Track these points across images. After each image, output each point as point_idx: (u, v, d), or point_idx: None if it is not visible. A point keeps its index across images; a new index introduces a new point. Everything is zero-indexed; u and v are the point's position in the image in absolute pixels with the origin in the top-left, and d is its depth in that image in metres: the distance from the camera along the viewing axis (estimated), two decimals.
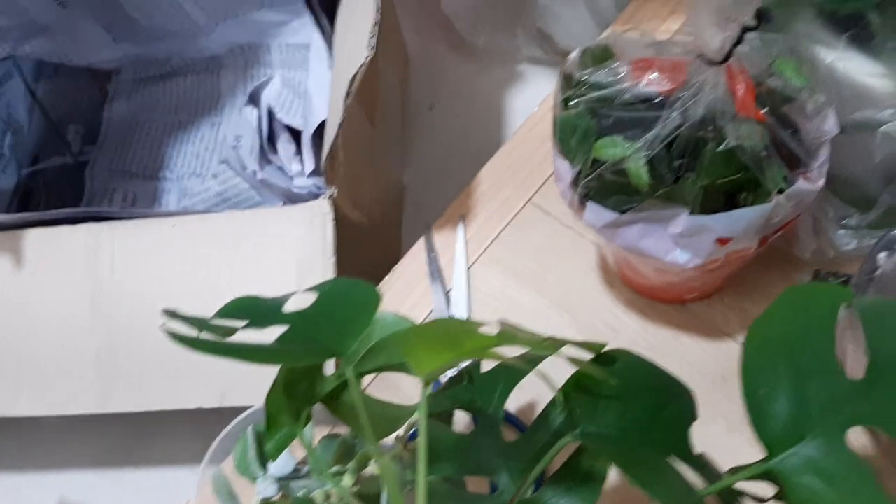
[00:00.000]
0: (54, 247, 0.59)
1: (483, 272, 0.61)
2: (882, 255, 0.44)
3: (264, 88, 0.68)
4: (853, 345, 0.30)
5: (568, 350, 0.30)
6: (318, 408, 0.38)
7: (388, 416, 0.40)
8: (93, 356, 0.56)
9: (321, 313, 0.32)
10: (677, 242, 0.45)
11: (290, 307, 0.33)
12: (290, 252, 0.55)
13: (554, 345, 0.29)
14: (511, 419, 0.54)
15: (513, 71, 0.80)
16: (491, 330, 0.29)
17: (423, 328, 0.29)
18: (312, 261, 0.55)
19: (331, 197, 0.55)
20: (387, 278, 0.62)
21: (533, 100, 0.79)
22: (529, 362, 0.31)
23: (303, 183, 0.63)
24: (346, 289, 0.33)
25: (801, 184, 0.42)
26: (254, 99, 0.67)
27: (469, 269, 0.61)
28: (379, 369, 0.39)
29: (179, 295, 0.56)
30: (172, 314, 0.31)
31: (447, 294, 0.60)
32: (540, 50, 0.77)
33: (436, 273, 0.61)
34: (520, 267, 0.60)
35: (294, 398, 0.37)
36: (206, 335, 0.30)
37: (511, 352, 0.30)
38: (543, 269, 0.60)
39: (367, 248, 0.65)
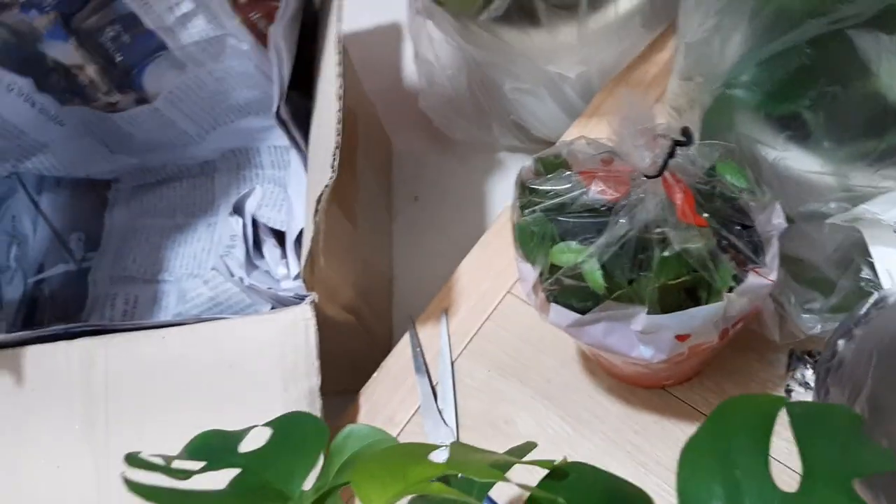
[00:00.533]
0: (52, 363, 0.61)
1: (468, 365, 0.62)
2: (841, 342, 0.45)
3: (247, 199, 0.71)
4: None
5: (520, 468, 0.32)
6: None
7: None
8: (91, 474, 0.58)
9: (273, 452, 0.34)
10: (640, 339, 0.46)
11: (247, 444, 0.34)
12: (275, 358, 0.57)
13: (502, 471, 0.30)
14: None
15: (492, 160, 0.83)
16: (441, 456, 0.31)
17: (371, 457, 0.31)
18: (296, 366, 0.57)
19: (312, 303, 0.57)
20: (375, 375, 0.64)
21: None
22: (479, 491, 0.32)
23: (289, 286, 0.66)
24: (297, 424, 0.35)
25: (751, 279, 0.43)
26: (238, 209, 0.70)
27: (454, 362, 0.62)
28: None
29: (170, 407, 0.58)
30: (135, 460, 0.33)
31: (434, 388, 0.61)
32: (516, 140, 0.79)
33: (421, 367, 0.62)
34: (503, 358, 0.62)
35: None
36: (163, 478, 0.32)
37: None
38: (526, 359, 0.61)
39: (356, 344, 0.67)
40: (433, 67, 0.75)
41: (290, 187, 0.66)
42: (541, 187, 0.47)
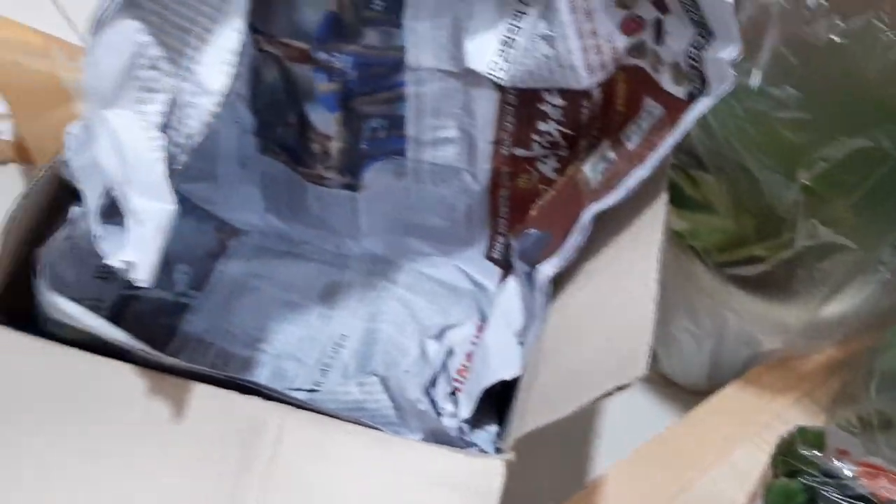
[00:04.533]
0: (216, 410, 0.58)
1: None
2: None
3: (452, 329, 0.71)
4: None
5: None
6: None
7: None
8: None
9: None
10: None
11: None
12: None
13: None
14: None
15: None
16: None
17: None
18: None
19: (507, 461, 0.57)
20: None
21: None
22: None
23: (451, 424, 0.65)
24: None
25: None
26: (440, 336, 0.70)
27: None
28: None
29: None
30: None
31: None
32: None
33: None
34: None
35: None
36: None
37: None
38: None
39: None
40: None
41: (489, 335, 0.67)
42: (813, 458, 0.51)
